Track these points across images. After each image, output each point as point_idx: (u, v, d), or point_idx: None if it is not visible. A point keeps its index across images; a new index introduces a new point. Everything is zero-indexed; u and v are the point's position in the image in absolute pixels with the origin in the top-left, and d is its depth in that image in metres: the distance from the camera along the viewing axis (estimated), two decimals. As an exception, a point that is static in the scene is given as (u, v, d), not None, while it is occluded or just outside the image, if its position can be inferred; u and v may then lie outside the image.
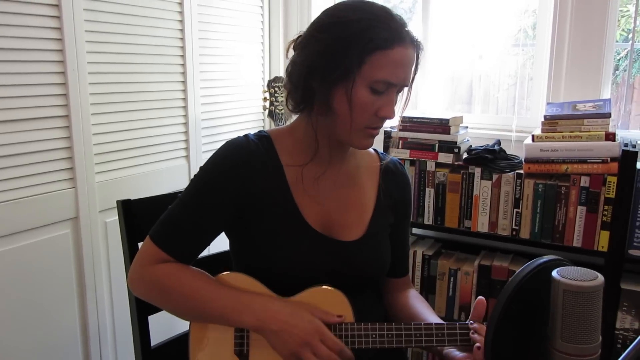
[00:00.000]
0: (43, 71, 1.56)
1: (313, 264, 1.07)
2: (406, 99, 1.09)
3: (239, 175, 1.04)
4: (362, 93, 0.98)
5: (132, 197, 1.26)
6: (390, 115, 1.02)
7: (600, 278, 0.70)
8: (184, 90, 2.04)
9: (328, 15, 1.02)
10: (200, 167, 1.08)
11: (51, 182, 1.62)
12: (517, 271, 0.75)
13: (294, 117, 1.14)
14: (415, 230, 2.23)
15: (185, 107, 2.06)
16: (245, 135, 1.10)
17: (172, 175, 2.02)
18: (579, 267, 0.72)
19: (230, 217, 1.07)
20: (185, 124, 2.07)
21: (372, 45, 0.95)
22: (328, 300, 1.04)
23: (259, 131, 1.13)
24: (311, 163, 1.08)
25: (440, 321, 1.09)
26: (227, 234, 1.14)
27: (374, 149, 1.23)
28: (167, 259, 1.05)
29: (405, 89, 1.06)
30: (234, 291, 1.03)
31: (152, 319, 1.24)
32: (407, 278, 1.30)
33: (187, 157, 2.09)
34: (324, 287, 1.05)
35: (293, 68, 1.04)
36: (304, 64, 1.01)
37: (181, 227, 1.05)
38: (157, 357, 1.27)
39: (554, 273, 0.71)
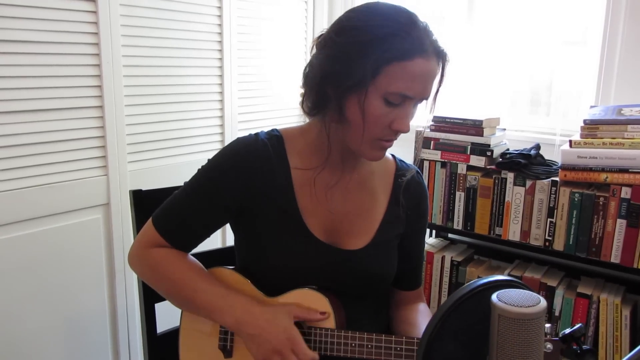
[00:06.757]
0: (79, 63, 1.64)
1: (308, 271, 1.06)
2: (430, 111, 1.03)
3: (241, 174, 1.04)
4: (376, 104, 0.93)
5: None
6: (404, 130, 0.96)
7: (542, 304, 0.63)
8: (221, 85, 2.07)
9: (348, 17, 0.97)
10: (208, 160, 1.09)
11: (84, 169, 1.70)
12: (459, 289, 0.69)
13: None
14: (446, 235, 2.14)
15: (221, 101, 2.09)
16: (256, 134, 1.08)
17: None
18: (523, 291, 0.66)
19: (229, 214, 1.08)
20: (222, 117, 2.10)
21: (389, 55, 0.90)
22: (309, 303, 1.03)
23: (272, 129, 1.11)
24: (323, 171, 1.05)
25: None
26: (231, 228, 1.15)
27: (392, 155, 1.19)
28: (165, 244, 1.07)
29: (430, 98, 0.99)
30: (221, 289, 1.04)
31: (159, 307, 1.28)
32: (418, 291, 1.24)
33: (222, 149, 2.13)
34: (308, 289, 1.04)
35: (310, 70, 1.01)
36: (319, 67, 0.97)
37: (181, 217, 1.06)
38: (162, 343, 1.30)
39: (493, 296, 0.65)
